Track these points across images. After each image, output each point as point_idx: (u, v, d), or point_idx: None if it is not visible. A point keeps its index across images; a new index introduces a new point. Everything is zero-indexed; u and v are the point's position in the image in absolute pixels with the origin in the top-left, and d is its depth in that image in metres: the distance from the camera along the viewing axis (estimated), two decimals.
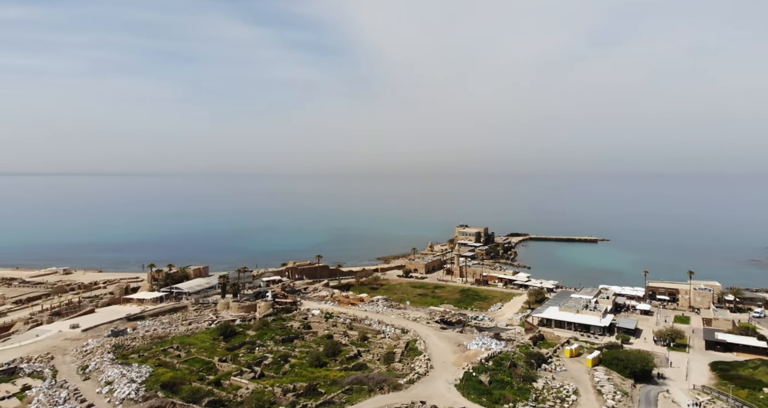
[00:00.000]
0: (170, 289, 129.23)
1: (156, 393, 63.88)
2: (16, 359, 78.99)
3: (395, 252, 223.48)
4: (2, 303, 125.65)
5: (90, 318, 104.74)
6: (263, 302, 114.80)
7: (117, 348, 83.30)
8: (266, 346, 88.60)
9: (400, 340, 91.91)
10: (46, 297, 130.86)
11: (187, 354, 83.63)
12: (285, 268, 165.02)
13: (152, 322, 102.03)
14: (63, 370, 74.03)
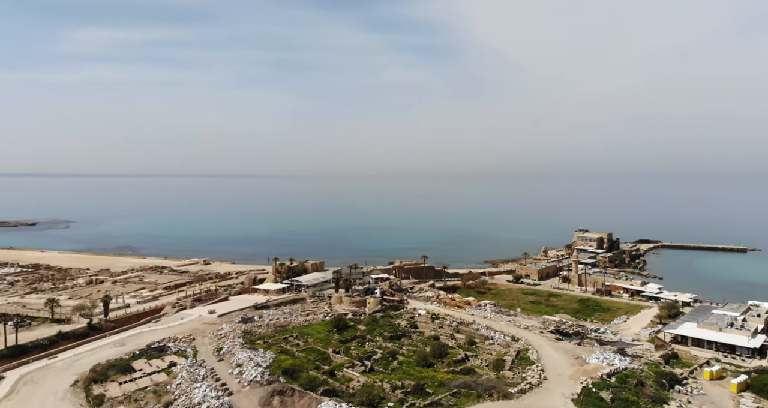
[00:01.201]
0: (291, 281, 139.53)
1: (278, 378, 69.28)
2: (165, 338, 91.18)
3: (504, 255, 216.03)
4: (155, 288, 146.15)
5: (224, 305, 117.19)
6: (372, 298, 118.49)
7: (246, 334, 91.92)
8: (375, 342, 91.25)
9: (510, 347, 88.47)
10: (189, 284, 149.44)
11: (305, 343, 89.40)
12: (392, 266, 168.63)
13: (275, 311, 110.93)
14: (202, 350, 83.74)
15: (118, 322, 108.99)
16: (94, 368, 72.98)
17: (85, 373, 71.52)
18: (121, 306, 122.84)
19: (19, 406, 63.65)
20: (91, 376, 70.48)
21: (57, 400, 65.40)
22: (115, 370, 72.95)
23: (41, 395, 66.83)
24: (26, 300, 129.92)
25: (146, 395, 65.73)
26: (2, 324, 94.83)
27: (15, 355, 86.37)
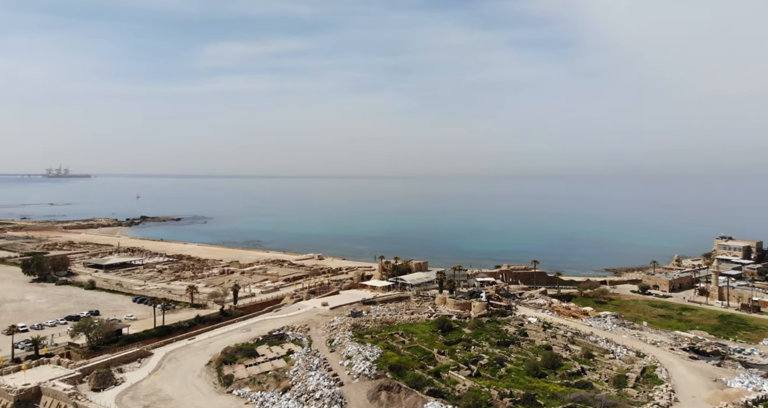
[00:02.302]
0: (396, 279, 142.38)
1: (385, 373, 71.13)
2: (284, 327, 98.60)
3: (628, 263, 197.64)
4: (276, 280, 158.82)
5: (335, 298, 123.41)
6: (478, 302, 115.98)
7: (355, 327, 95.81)
8: (482, 347, 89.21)
9: (635, 363, 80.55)
10: (305, 278, 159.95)
11: (410, 342, 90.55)
12: (499, 270, 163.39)
13: (382, 307, 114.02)
14: (316, 340, 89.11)
15: (245, 310, 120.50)
16: (225, 351, 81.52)
17: (217, 355, 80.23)
18: (248, 295, 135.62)
19: (164, 380, 73.42)
20: (222, 357, 78.88)
21: (194, 377, 74.25)
22: (241, 354, 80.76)
23: (182, 372, 76.39)
24: (171, 286, 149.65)
25: (268, 379, 71.75)
26: (153, 306, 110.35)
27: (162, 334, 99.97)
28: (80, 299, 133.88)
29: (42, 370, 74.59)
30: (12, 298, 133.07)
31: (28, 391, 66.02)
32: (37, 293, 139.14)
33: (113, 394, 67.39)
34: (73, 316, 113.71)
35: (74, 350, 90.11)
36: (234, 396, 68.23)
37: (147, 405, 64.63)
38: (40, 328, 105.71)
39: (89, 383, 70.01)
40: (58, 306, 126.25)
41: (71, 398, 63.34)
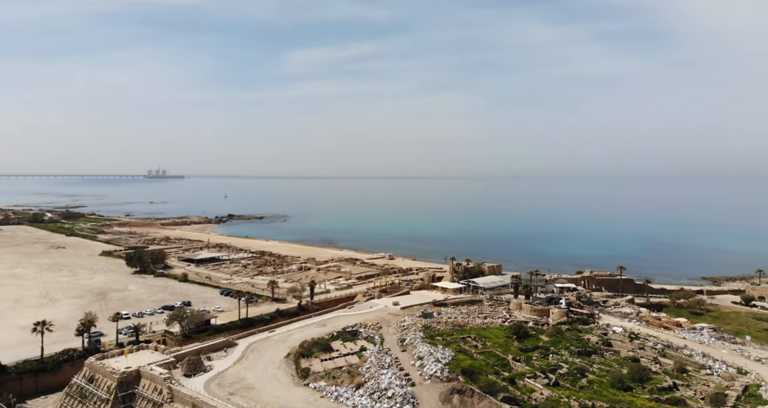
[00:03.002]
0: (468, 282, 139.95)
1: (457, 377, 70.25)
2: (357, 324, 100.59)
3: (729, 272, 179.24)
4: (349, 277, 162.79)
5: (406, 298, 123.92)
6: (556, 309, 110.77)
7: (426, 328, 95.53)
8: (560, 355, 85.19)
9: (735, 381, 72.81)
10: (377, 276, 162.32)
11: (483, 346, 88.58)
12: (580, 276, 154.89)
13: (453, 310, 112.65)
14: (387, 339, 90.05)
15: (320, 305, 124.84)
16: (302, 344, 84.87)
17: (295, 348, 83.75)
18: (323, 291, 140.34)
19: (247, 369, 77.92)
20: (299, 350, 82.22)
21: (274, 368, 78.07)
22: (317, 348, 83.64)
23: (263, 362, 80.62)
24: (254, 280, 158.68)
25: (342, 374, 73.71)
26: (238, 299, 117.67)
27: (245, 326, 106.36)
28: (175, 290, 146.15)
29: (141, 354, 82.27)
30: (117, 287, 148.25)
31: (129, 374, 73.16)
32: (138, 284, 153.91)
33: (202, 381, 72.70)
34: (168, 305, 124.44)
35: (169, 337, 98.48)
36: (310, 389, 70.83)
37: (232, 392, 69.00)
38: (140, 316, 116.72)
39: (182, 369, 76.11)
40: (155, 296, 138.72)
41: (166, 382, 69.26)
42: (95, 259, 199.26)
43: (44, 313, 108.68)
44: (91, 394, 73.22)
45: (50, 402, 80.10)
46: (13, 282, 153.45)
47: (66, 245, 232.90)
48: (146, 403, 69.81)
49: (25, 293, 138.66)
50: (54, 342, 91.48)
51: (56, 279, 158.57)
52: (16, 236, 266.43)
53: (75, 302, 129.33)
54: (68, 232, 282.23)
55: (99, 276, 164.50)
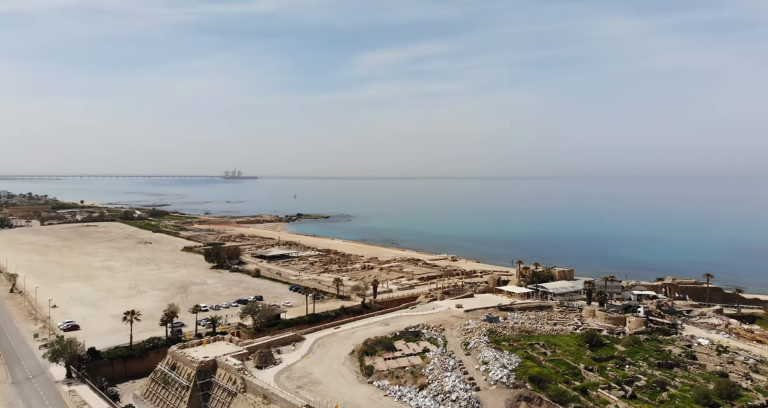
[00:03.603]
0: (536, 287, 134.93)
1: (524, 384, 68.00)
2: (420, 325, 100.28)
3: None
4: (411, 278, 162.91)
5: (470, 301, 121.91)
6: (634, 317, 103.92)
7: (491, 333, 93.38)
8: (638, 367, 79.88)
9: None
10: (439, 278, 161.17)
11: (553, 354, 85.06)
12: (661, 283, 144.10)
13: (520, 315, 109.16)
14: (451, 341, 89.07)
15: (383, 304, 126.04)
16: (366, 342, 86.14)
17: (359, 345, 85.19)
18: (385, 290, 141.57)
19: (314, 364, 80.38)
20: (363, 348, 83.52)
21: (339, 365, 79.91)
22: (381, 347, 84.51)
23: (329, 358, 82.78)
24: (321, 278, 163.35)
25: (405, 374, 73.93)
26: (306, 295, 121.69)
27: (312, 321, 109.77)
28: (248, 285, 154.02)
29: (217, 345, 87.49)
30: (196, 281, 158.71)
31: (207, 363, 78.07)
32: (215, 278, 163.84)
33: (272, 373, 76.00)
34: (242, 299, 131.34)
35: (243, 330, 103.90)
36: (374, 387, 71.71)
37: (300, 385, 71.51)
38: (217, 308, 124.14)
39: (254, 361, 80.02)
40: (230, 290, 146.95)
41: (240, 373, 73.14)
42: (178, 254, 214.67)
43: (133, 304, 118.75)
44: (173, 380, 78.99)
45: (137, 386, 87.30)
46: (107, 274, 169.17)
47: (152, 241, 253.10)
48: (222, 392, 74.12)
49: (117, 284, 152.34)
50: (141, 331, 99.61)
51: (144, 272, 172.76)
52: (110, 232, 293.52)
53: (160, 294, 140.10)
54: (154, 228, 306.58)
55: (181, 270, 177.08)
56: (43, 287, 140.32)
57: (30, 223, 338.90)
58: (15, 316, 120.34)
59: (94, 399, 75.41)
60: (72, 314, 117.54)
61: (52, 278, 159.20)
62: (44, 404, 74.39)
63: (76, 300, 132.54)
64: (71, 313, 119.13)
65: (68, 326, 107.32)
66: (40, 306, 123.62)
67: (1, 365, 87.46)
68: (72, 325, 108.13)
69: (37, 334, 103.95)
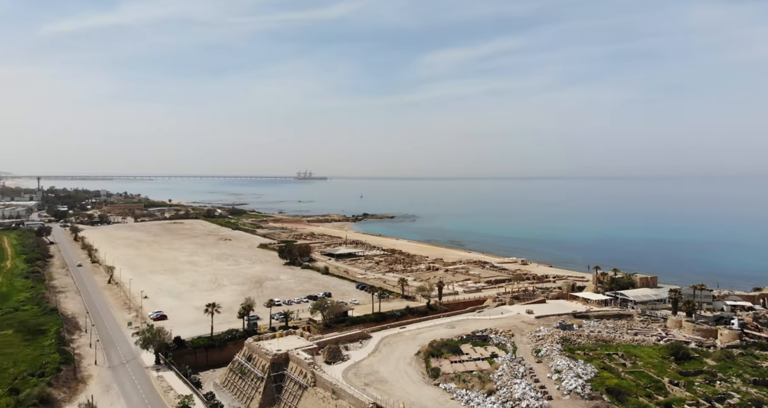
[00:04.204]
0: (614, 294, 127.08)
1: (601, 395, 64.34)
2: (487, 329, 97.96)
3: None
4: (478, 281, 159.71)
5: (541, 307, 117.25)
6: (726, 330, 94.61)
7: (564, 340, 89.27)
8: (731, 383, 72.78)
9: None
10: (508, 282, 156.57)
11: (633, 365, 79.74)
12: (759, 294, 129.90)
13: (597, 323, 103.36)
14: (520, 348, 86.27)
15: (449, 306, 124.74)
16: (432, 343, 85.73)
17: (425, 346, 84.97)
18: (451, 292, 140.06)
19: (380, 363, 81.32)
20: (429, 350, 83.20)
21: (405, 365, 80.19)
22: (446, 349, 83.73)
23: (395, 357, 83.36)
24: (386, 277, 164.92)
25: (472, 378, 72.68)
26: (371, 294, 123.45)
27: (378, 320, 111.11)
28: (317, 282, 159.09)
29: (289, 339, 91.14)
30: (271, 277, 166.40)
31: (280, 356, 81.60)
32: (287, 274, 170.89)
33: (341, 369, 77.93)
34: (312, 295, 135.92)
35: (313, 325, 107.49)
36: (441, 389, 71.21)
37: (367, 383, 72.70)
38: (289, 303, 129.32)
39: (323, 356, 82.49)
40: (302, 286, 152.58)
41: (310, 367, 75.72)
42: (254, 250, 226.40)
43: (214, 297, 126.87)
44: (249, 371, 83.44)
45: (217, 375, 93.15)
46: (191, 268, 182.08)
47: (231, 238, 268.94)
48: (293, 384, 77.18)
49: (200, 278, 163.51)
50: (220, 322, 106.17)
51: (223, 267, 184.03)
52: (194, 229, 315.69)
53: (237, 288, 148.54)
54: (233, 226, 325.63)
55: (257, 266, 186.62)
56: (136, 279, 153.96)
57: (125, 220, 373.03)
58: (112, 305, 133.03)
59: (179, 385, 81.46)
60: (160, 305, 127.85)
61: (144, 271, 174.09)
62: (136, 388, 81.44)
63: (164, 292, 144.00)
64: (160, 303, 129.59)
65: (157, 316, 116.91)
66: (133, 296, 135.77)
67: (100, 350, 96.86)
68: (160, 315, 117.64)
69: (130, 323, 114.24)
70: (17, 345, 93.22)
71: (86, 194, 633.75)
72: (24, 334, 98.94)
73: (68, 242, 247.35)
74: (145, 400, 76.80)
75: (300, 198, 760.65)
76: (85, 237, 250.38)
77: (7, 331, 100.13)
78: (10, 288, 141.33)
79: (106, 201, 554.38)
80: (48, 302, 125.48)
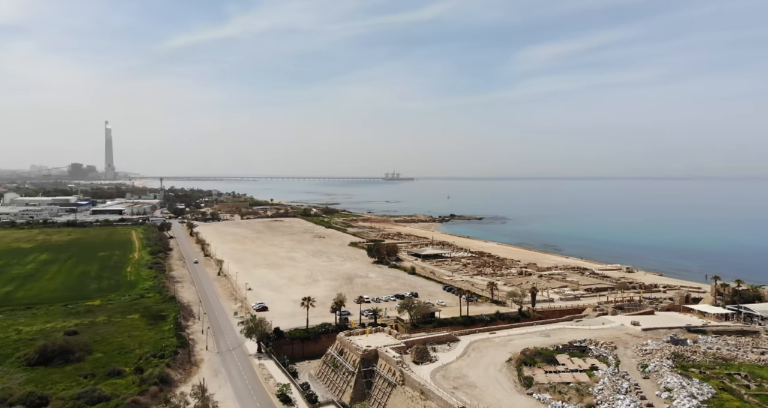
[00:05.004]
0: (737, 308, 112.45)
1: None
2: (587, 340, 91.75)
3: None
4: (576, 288, 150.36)
5: (649, 319, 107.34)
6: None
7: (675, 356, 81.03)
8: None
9: None
10: (611, 290, 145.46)
11: (759, 388, 70.16)
12: None
13: (715, 339, 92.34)
14: (624, 361, 79.76)
15: (543, 314, 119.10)
16: (524, 351, 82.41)
17: (516, 354, 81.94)
18: (545, 299, 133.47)
19: (469, 367, 79.88)
20: (521, 357, 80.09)
21: (496, 371, 77.96)
22: (540, 358, 80.00)
23: (484, 363, 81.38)
24: (474, 280, 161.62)
25: (569, 390, 68.71)
26: (459, 297, 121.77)
27: (466, 323, 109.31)
28: (404, 281, 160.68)
29: (378, 336, 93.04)
30: (360, 274, 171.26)
31: (369, 352, 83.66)
32: (375, 272, 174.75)
33: (429, 370, 77.88)
34: (399, 294, 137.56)
35: (400, 324, 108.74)
36: (534, 399, 68.25)
37: (456, 386, 71.88)
38: (378, 301, 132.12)
39: (411, 355, 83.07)
40: (389, 285, 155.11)
41: (398, 365, 76.69)
42: (345, 248, 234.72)
43: (309, 291, 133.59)
44: (341, 365, 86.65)
45: (312, 366, 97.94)
46: (290, 263, 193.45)
47: (325, 236, 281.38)
48: (382, 381, 78.73)
49: (297, 273, 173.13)
50: (314, 316, 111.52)
51: (318, 263, 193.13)
52: (292, 226, 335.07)
53: (330, 284, 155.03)
54: (327, 224, 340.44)
55: (347, 263, 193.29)
56: (241, 272, 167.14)
57: (233, 217, 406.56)
58: (220, 295, 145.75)
59: (278, 374, 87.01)
60: (262, 297, 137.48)
61: (248, 265, 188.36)
62: (240, 374, 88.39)
63: (265, 285, 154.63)
64: (261, 295, 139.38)
65: (259, 307, 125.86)
66: (238, 288, 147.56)
67: (210, 337, 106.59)
68: (262, 307, 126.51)
69: (236, 312, 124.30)
70: (142, 328, 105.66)
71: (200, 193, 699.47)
72: (148, 318, 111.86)
73: (185, 237, 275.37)
74: (248, 386, 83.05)
75: (387, 198, 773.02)
76: (199, 232, 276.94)
77: (134, 316, 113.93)
78: (137, 277, 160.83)
79: (216, 200, 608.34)
80: (168, 291, 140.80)
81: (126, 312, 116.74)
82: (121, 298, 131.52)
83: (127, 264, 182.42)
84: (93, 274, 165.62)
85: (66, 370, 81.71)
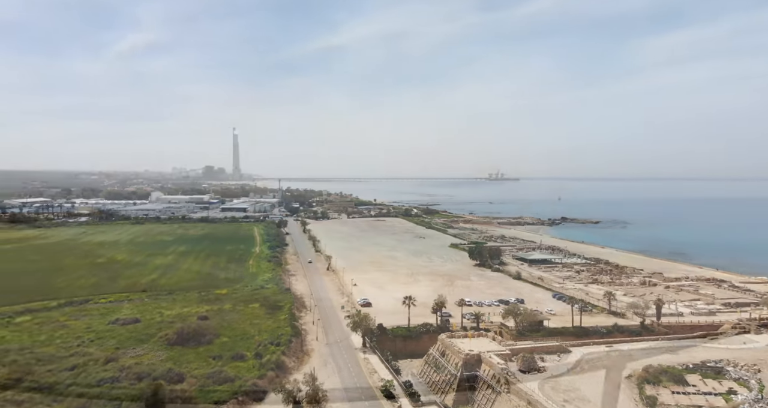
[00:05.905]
0: None
1: None
2: (723, 360, 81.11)
3: None
4: (711, 302, 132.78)
5: None
6: None
7: None
8: None
9: None
10: (755, 306, 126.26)
11: None
12: None
13: None
14: None
15: (670, 329, 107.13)
16: (647, 368, 74.95)
17: (638, 371, 74.78)
18: (673, 313, 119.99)
19: (583, 381, 74.69)
20: (644, 375, 72.95)
21: (612, 387, 71.94)
22: (666, 377, 72.21)
23: (599, 377, 75.52)
24: (588, 288, 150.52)
25: None
26: (571, 306, 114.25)
27: (579, 334, 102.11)
28: (508, 286, 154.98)
29: (481, 341, 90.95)
30: (461, 276, 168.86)
31: (472, 356, 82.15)
32: (477, 276, 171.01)
33: (536, 380, 74.32)
34: (503, 300, 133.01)
35: (505, 330, 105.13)
36: None
37: (566, 400, 67.70)
38: (480, 305, 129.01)
39: (517, 363, 79.99)
40: (492, 289, 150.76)
41: (503, 372, 74.31)
42: (445, 249, 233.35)
43: (410, 290, 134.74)
44: (443, 366, 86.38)
45: (414, 365, 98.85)
46: (391, 262, 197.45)
47: (425, 236, 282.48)
48: (486, 387, 76.90)
49: (398, 271, 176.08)
50: (415, 315, 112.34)
51: (418, 263, 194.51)
52: (394, 226, 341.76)
53: (430, 284, 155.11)
54: (427, 225, 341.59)
55: (448, 264, 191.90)
56: (347, 268, 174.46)
57: (340, 216, 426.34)
58: (329, 289, 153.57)
59: (381, 369, 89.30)
60: (366, 293, 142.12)
61: (353, 262, 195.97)
62: (347, 366, 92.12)
63: (368, 281, 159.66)
64: (366, 292, 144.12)
65: (364, 303, 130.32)
66: (345, 283, 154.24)
67: (320, 328, 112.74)
68: (366, 302, 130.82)
69: (343, 306, 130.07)
70: (261, 317, 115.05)
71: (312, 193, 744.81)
72: (266, 308, 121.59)
73: (299, 234, 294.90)
74: (354, 378, 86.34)
75: (491, 199, 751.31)
76: (311, 229, 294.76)
77: (255, 305, 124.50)
78: (258, 269, 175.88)
79: (326, 200, 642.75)
80: (284, 283, 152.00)
81: (248, 301, 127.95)
82: (244, 288, 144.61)
83: (250, 257, 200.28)
84: (222, 265, 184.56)
85: (198, 351, 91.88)
